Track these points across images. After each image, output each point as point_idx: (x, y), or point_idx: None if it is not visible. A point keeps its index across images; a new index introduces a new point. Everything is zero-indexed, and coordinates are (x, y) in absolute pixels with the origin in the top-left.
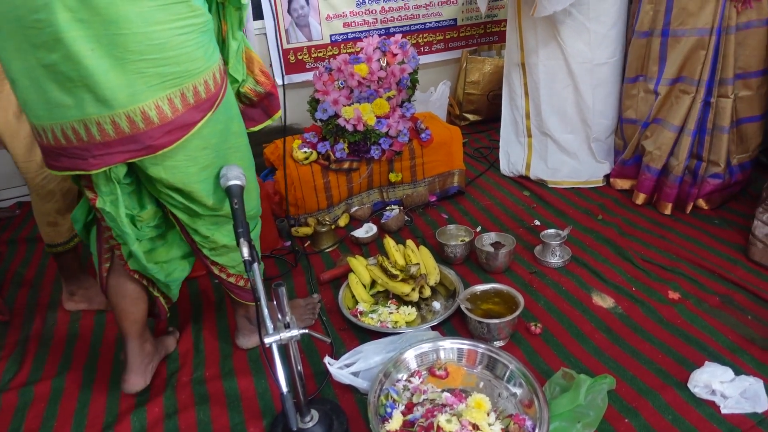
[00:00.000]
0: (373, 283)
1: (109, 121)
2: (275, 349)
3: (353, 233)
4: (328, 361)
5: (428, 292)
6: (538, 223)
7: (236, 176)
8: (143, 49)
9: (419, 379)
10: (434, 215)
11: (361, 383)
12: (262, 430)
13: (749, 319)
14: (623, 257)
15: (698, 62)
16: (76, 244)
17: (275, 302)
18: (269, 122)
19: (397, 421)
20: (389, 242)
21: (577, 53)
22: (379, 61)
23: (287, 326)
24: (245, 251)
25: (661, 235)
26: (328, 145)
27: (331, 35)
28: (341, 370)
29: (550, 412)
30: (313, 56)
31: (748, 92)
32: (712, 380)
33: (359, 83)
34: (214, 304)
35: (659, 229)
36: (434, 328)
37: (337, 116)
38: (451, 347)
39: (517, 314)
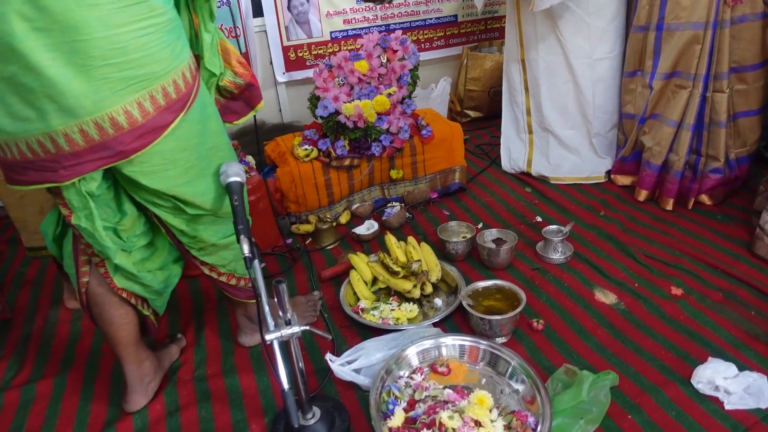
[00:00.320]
0: (374, 280)
1: (76, 130)
2: (276, 346)
3: (354, 230)
4: (329, 358)
5: (430, 288)
6: (539, 219)
7: (236, 173)
8: (105, 54)
9: (421, 375)
10: (435, 212)
11: (362, 380)
12: (264, 427)
13: (752, 314)
14: (625, 253)
15: (693, 57)
16: None
17: (276, 299)
18: (253, 113)
19: (399, 417)
20: (390, 239)
21: (576, 48)
22: (379, 57)
23: (288, 323)
24: (245, 248)
25: (663, 230)
26: (328, 142)
27: (331, 32)
28: (343, 367)
29: (552, 408)
30: (313, 53)
31: (743, 86)
32: (715, 376)
33: (359, 80)
34: (215, 301)
35: (661, 224)
36: (436, 324)
37: (337, 113)
38: (453, 344)
39: (519, 311)
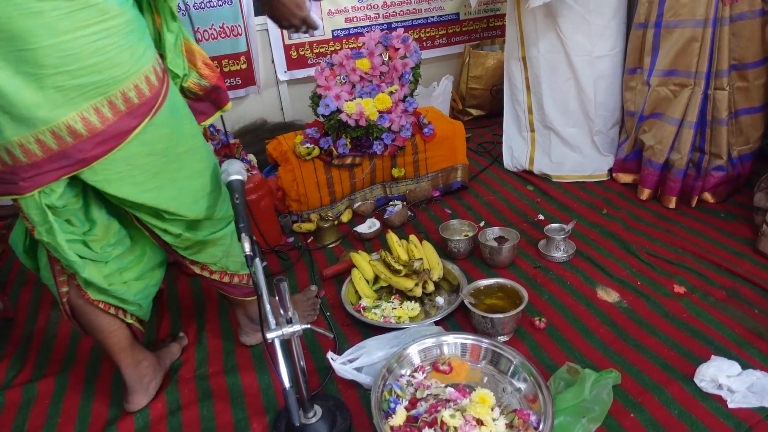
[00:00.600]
0: (376, 278)
1: (33, 140)
2: (278, 344)
3: (356, 229)
4: (331, 356)
5: (431, 287)
6: (542, 217)
7: (237, 171)
8: (56, 62)
9: (423, 374)
10: (437, 210)
11: (364, 379)
12: (265, 425)
13: (756, 312)
14: (628, 251)
15: (693, 54)
16: None
17: (277, 297)
18: (219, 114)
19: (400, 416)
20: (392, 237)
21: (577, 46)
22: (381, 55)
23: (289, 321)
24: (246, 246)
25: (666, 228)
26: (330, 140)
27: (332, 30)
28: (344, 365)
29: (554, 406)
30: (315, 52)
31: (744, 83)
32: (718, 374)
33: (361, 78)
34: (216, 300)
35: (664, 222)
36: (438, 323)
37: (339, 111)
38: (454, 342)
39: (521, 309)
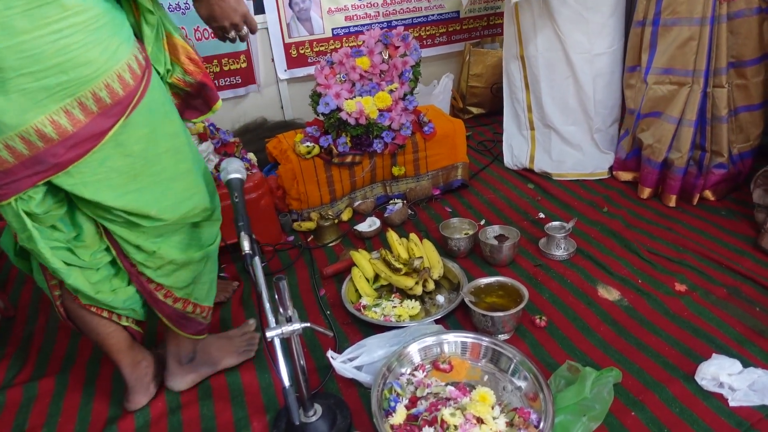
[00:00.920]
0: (376, 276)
1: (2, 146)
2: (277, 343)
3: (356, 227)
4: (331, 355)
5: (432, 285)
6: (542, 215)
7: (236, 169)
8: (16, 64)
9: (423, 372)
10: (438, 209)
11: (364, 377)
12: (265, 424)
13: (757, 310)
14: (629, 249)
15: (690, 52)
16: None
17: (276, 296)
18: (210, 113)
19: (400, 415)
20: (392, 236)
21: (575, 44)
22: (381, 54)
23: (289, 320)
24: (246, 244)
25: (667, 226)
26: (330, 139)
27: (332, 29)
28: (344, 364)
29: (555, 405)
30: (315, 50)
31: (742, 81)
32: (719, 372)
33: (361, 76)
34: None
35: (665, 220)
36: (438, 321)
37: (339, 110)
38: (455, 340)
39: (521, 307)
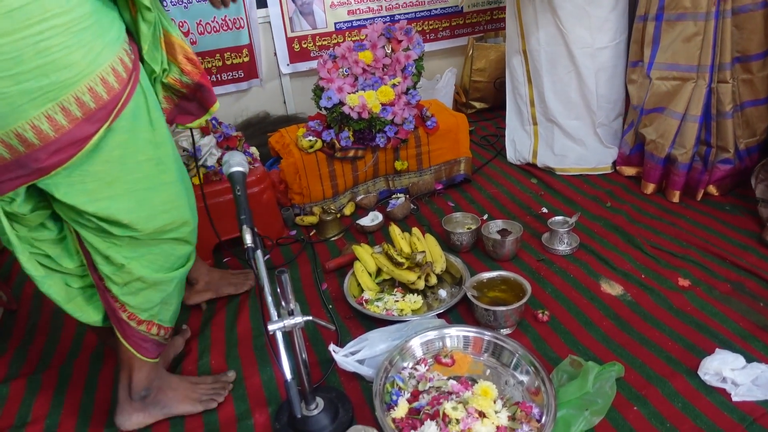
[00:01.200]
0: (378, 271)
1: None
2: (279, 336)
3: (359, 222)
4: (333, 348)
5: (434, 280)
6: (545, 210)
7: (239, 162)
8: None
9: (425, 366)
10: (440, 203)
11: (366, 371)
12: (267, 417)
13: (761, 305)
14: (632, 244)
15: (695, 48)
16: None
17: (279, 289)
18: (207, 116)
19: (402, 408)
20: (395, 230)
21: (577, 38)
22: (383, 48)
23: (291, 313)
24: (248, 238)
25: (671, 221)
26: (332, 133)
27: (335, 23)
28: (346, 357)
29: (557, 399)
30: (317, 44)
31: (748, 76)
32: (722, 367)
33: (364, 70)
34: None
35: (669, 215)
36: (440, 315)
37: (341, 104)
38: (457, 335)
39: (524, 302)
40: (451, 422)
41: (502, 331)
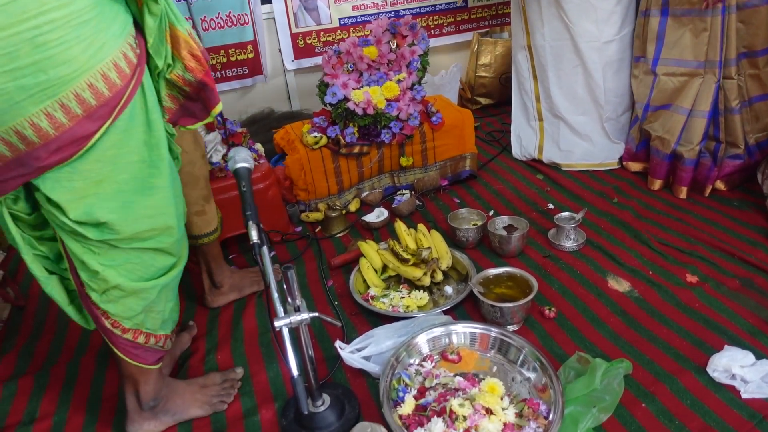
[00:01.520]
0: (384, 267)
1: None
2: (286, 333)
3: (364, 218)
4: (339, 345)
5: (440, 276)
6: (551, 206)
7: (244, 158)
8: None
9: (431, 363)
10: (446, 199)
11: (372, 367)
12: (273, 414)
13: None
14: (639, 240)
15: (702, 43)
16: (221, 232)
17: (285, 285)
18: (210, 119)
19: (409, 405)
20: (400, 226)
21: (584, 32)
22: (388, 43)
23: (297, 310)
24: (254, 234)
25: (678, 217)
26: (338, 129)
27: (339, 19)
28: (353, 354)
29: (564, 396)
30: (322, 40)
31: (754, 71)
32: (731, 364)
33: (369, 66)
34: None
35: (676, 211)
36: (446, 312)
37: (346, 100)
38: (463, 331)
39: (530, 298)
40: (458, 419)
41: (508, 327)
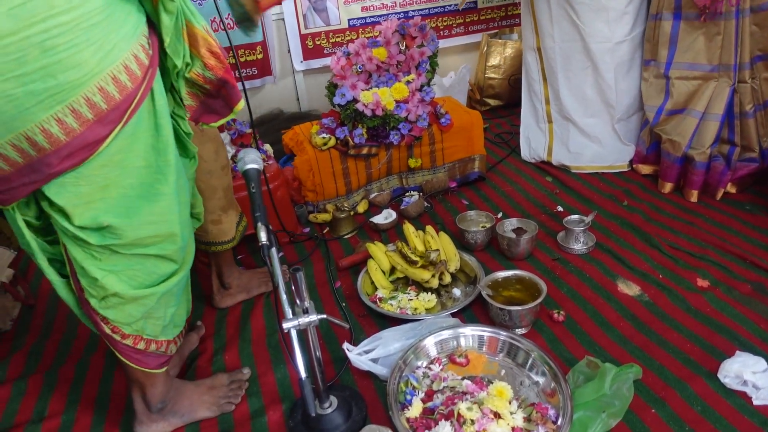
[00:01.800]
0: (392, 269)
1: None
2: (294, 334)
3: (372, 219)
4: (347, 347)
5: (448, 278)
6: (560, 209)
7: (253, 160)
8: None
9: (439, 366)
10: (454, 201)
11: (380, 370)
12: (281, 415)
13: None
14: (650, 244)
15: (716, 47)
16: (238, 242)
17: (293, 288)
18: (232, 115)
19: (416, 408)
20: (409, 228)
21: (596, 33)
22: (398, 44)
23: (306, 312)
24: (263, 235)
25: (689, 221)
26: (346, 130)
27: (349, 20)
28: (360, 356)
29: (573, 401)
30: (331, 41)
31: None
32: (743, 370)
33: (378, 67)
34: None
35: (687, 215)
36: (454, 315)
37: (355, 101)
38: (471, 334)
39: (539, 301)
40: (465, 423)
41: (517, 331)
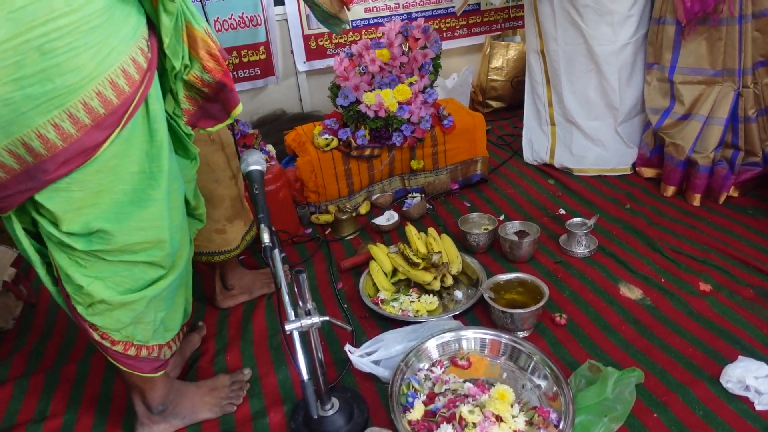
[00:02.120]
0: (394, 271)
1: None
2: (296, 336)
3: (374, 221)
4: (349, 349)
5: (450, 280)
6: (563, 211)
7: (256, 161)
8: None
9: (441, 368)
10: (456, 203)
11: (382, 372)
12: (282, 417)
13: None
14: (652, 247)
15: (719, 52)
16: (242, 250)
17: (296, 289)
18: (230, 120)
19: (418, 410)
20: (411, 230)
21: (600, 36)
22: (401, 46)
23: (308, 313)
24: (266, 237)
25: (691, 225)
26: (349, 131)
27: (352, 21)
28: (362, 358)
29: (575, 404)
30: (334, 42)
31: None
32: (745, 375)
33: (381, 69)
34: None
35: (690, 219)
36: (456, 317)
37: (358, 102)
38: (473, 337)
39: (541, 304)
40: (467, 426)
41: (519, 333)
